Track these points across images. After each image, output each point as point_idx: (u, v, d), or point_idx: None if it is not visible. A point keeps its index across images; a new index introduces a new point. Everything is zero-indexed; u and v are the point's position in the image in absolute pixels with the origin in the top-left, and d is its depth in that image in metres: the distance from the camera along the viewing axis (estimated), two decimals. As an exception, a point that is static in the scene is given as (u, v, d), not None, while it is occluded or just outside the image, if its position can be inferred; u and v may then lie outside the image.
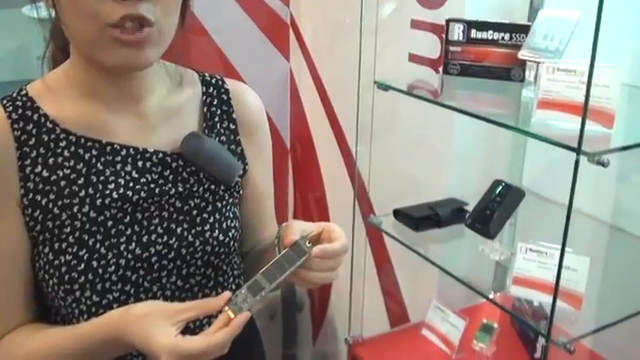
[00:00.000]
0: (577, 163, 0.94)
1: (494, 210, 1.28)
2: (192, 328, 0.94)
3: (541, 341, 1.41)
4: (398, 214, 1.49)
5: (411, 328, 1.60)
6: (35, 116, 0.88)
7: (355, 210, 1.53)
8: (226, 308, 0.81)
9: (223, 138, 0.99)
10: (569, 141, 0.95)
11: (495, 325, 1.38)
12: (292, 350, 2.42)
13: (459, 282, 1.28)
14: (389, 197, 1.59)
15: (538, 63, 1.11)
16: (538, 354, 1.43)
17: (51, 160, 0.87)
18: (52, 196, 0.87)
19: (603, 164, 0.92)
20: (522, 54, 1.19)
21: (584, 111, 0.93)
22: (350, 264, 1.53)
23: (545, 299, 1.11)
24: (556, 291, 1.02)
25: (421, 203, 1.50)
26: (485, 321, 1.39)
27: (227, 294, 0.82)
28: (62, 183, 0.87)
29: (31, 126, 0.88)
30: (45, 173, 0.87)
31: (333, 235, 0.86)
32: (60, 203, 0.87)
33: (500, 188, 1.31)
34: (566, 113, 1.01)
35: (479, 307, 1.63)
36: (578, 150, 0.94)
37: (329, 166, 2.35)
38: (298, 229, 0.86)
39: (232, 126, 1.00)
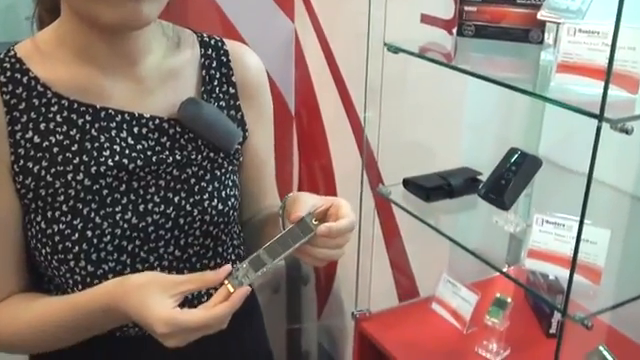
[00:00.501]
0: (599, 130, 0.93)
1: (509, 180, 1.27)
2: (190, 299, 0.95)
3: (557, 316, 1.43)
4: (408, 184, 1.49)
5: (421, 302, 1.61)
6: (25, 79, 0.87)
7: (363, 180, 1.52)
8: (226, 282, 0.81)
9: (222, 103, 0.98)
10: (590, 107, 0.94)
11: (509, 300, 1.38)
12: (296, 325, 2.45)
13: (471, 255, 1.28)
14: (399, 166, 1.59)
15: (558, 24, 1.09)
16: (553, 330, 1.44)
17: (42, 125, 0.87)
18: (44, 163, 0.87)
19: (627, 131, 0.91)
20: (541, 14, 1.17)
21: (607, 75, 0.91)
22: (357, 236, 1.53)
23: (561, 273, 1.11)
24: (574, 264, 1.02)
25: (432, 172, 1.50)
26: (498, 295, 1.39)
27: (227, 267, 0.82)
28: (55, 150, 0.87)
29: (21, 89, 0.87)
30: (37, 139, 0.87)
31: (340, 212, 0.86)
32: (53, 170, 0.87)
33: (516, 156, 1.30)
34: (587, 77, 1.00)
35: (492, 281, 1.64)
36: (600, 116, 0.93)
37: (336, 133, 2.34)
38: (305, 204, 0.86)
39: (232, 90, 1.00)
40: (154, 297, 0.80)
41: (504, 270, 1.52)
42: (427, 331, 1.50)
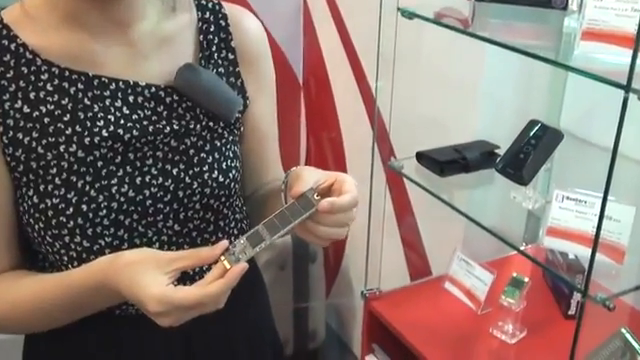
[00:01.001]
0: (625, 102, 0.92)
1: (528, 153, 1.26)
2: (192, 276, 0.95)
3: (576, 297, 1.43)
4: (421, 157, 1.48)
5: (433, 282, 1.61)
6: (12, 46, 0.86)
7: (374, 153, 1.52)
8: (222, 258, 0.81)
9: (221, 70, 0.98)
10: (617, 77, 0.93)
11: (526, 279, 1.38)
12: (303, 303, 2.46)
13: (487, 232, 1.28)
14: (412, 139, 1.58)
15: (584, -13, 1.07)
16: (572, 311, 1.44)
17: (32, 95, 0.86)
18: (35, 134, 0.86)
19: (655, 103, 0.90)
20: (566, -23, 1.15)
21: (636, 43, 0.90)
22: (368, 212, 1.53)
23: (582, 251, 1.10)
24: (596, 243, 1.01)
25: (447, 145, 1.49)
26: (515, 275, 1.39)
27: (224, 243, 0.82)
28: (46, 120, 0.86)
29: (8, 57, 0.86)
30: (26, 109, 0.86)
31: (344, 187, 0.85)
32: (44, 142, 0.86)
33: (536, 129, 1.29)
34: (614, 45, 0.98)
35: (508, 260, 1.63)
36: (627, 87, 0.91)
37: (346, 104, 2.33)
38: (307, 179, 0.85)
39: (231, 56, 0.99)
40: (147, 274, 0.80)
41: (521, 248, 1.52)
42: (439, 311, 1.50)
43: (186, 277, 0.94)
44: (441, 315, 1.49)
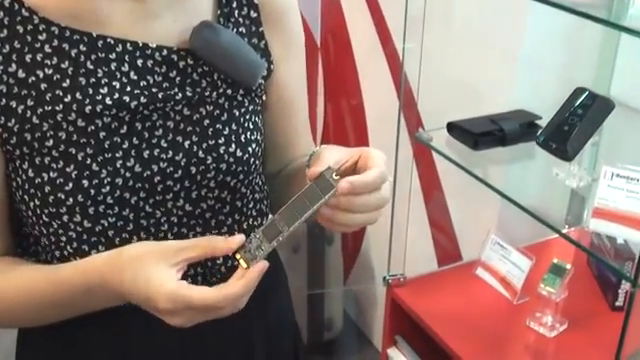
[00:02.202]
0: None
1: (574, 125, 1.25)
2: (204, 276, 0.96)
3: (625, 286, 1.42)
4: (453, 129, 1.47)
5: (463, 267, 1.61)
6: (6, 2, 0.86)
7: (400, 124, 1.51)
8: (238, 256, 0.81)
9: (242, 29, 0.97)
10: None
11: (568, 266, 1.37)
12: (319, 290, 2.47)
13: (525, 213, 1.27)
14: (442, 107, 1.57)
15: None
16: (620, 302, 1.44)
17: (28, 57, 0.86)
18: (30, 102, 0.86)
19: None
20: None
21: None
22: (392, 190, 1.53)
23: (632, 236, 1.10)
24: (648, 226, 1.00)
25: (482, 115, 1.48)
26: (555, 261, 1.39)
27: (241, 237, 0.82)
28: (43, 86, 0.86)
29: (1, 14, 0.86)
30: (21, 73, 0.86)
31: (370, 163, 0.83)
32: (40, 110, 0.86)
33: (583, 98, 1.28)
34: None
35: (548, 244, 1.63)
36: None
37: (369, 68, 2.32)
38: (328, 158, 0.84)
39: (253, 14, 0.98)
40: (153, 268, 0.80)
41: (564, 231, 1.52)
42: (470, 301, 1.50)
43: (196, 267, 0.95)
44: (472, 305, 1.49)
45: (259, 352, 1.06)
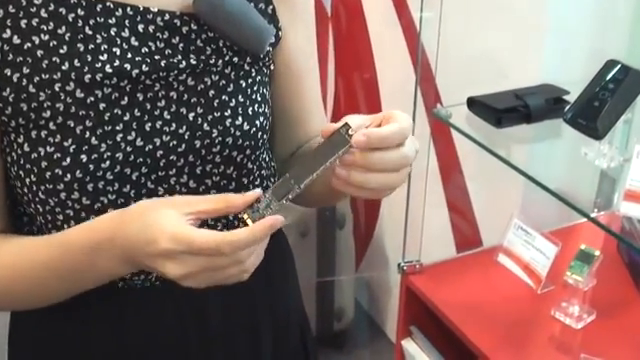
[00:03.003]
0: None
1: (604, 101, 1.25)
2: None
3: (657, 275, 1.42)
4: (474, 104, 1.47)
5: (484, 253, 1.61)
6: None
7: (416, 99, 1.50)
8: (245, 215, 0.81)
9: None
10: None
11: (597, 253, 1.37)
12: (329, 277, 2.48)
13: (551, 195, 1.27)
14: (462, 82, 1.57)
15: None
16: (652, 291, 1.44)
17: (23, 22, 0.86)
18: (26, 70, 0.86)
19: None
20: None
21: None
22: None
23: (667, 220, 1.09)
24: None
25: (505, 90, 1.47)
26: (583, 247, 1.39)
27: (257, 191, 0.81)
28: (39, 53, 0.87)
29: None
30: (16, 40, 0.86)
31: (392, 121, 0.82)
32: (37, 79, 0.86)
33: (614, 71, 1.27)
34: None
35: (576, 229, 1.63)
36: None
37: (383, 39, 2.31)
38: (347, 118, 0.84)
39: None
40: (161, 212, 0.80)
41: (592, 215, 1.51)
42: (491, 289, 1.51)
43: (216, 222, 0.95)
44: (493, 293, 1.49)
45: (266, 342, 1.06)
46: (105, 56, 0.87)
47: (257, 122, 0.96)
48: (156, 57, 0.90)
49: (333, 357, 2.57)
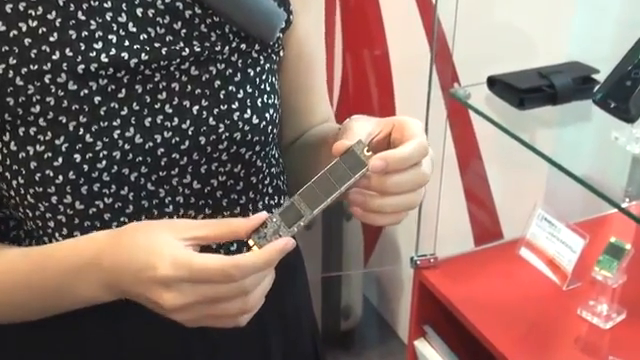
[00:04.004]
0: None
1: (638, 80, 1.24)
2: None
3: (693, 270, 1.41)
4: (495, 84, 1.47)
5: (504, 247, 1.62)
6: None
7: (432, 78, 1.50)
8: (251, 242, 0.80)
9: None
10: None
11: (627, 246, 1.37)
12: (335, 272, 2.49)
13: (578, 183, 1.27)
14: (481, 59, 1.57)
15: None
16: (689, 287, 1.44)
17: (9, 7, 0.86)
18: (12, 60, 0.86)
19: None
20: None
21: None
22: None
23: None
24: None
25: (529, 68, 1.47)
26: (613, 240, 1.39)
27: (262, 215, 0.81)
28: (27, 41, 0.86)
29: None
30: (1, 26, 0.86)
31: (407, 134, 0.82)
32: (25, 70, 0.86)
33: (649, 48, 1.27)
34: None
35: (605, 220, 1.64)
36: None
37: (395, 12, 2.31)
38: (358, 131, 0.83)
39: None
40: (157, 236, 0.80)
41: (623, 206, 1.51)
42: (512, 285, 1.51)
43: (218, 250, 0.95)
44: (514, 290, 1.50)
45: (276, 349, 1.07)
46: (100, 44, 0.87)
47: (267, 115, 0.96)
48: (156, 44, 0.89)
49: (340, 358, 2.58)
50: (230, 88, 0.94)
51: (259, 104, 0.95)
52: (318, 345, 1.18)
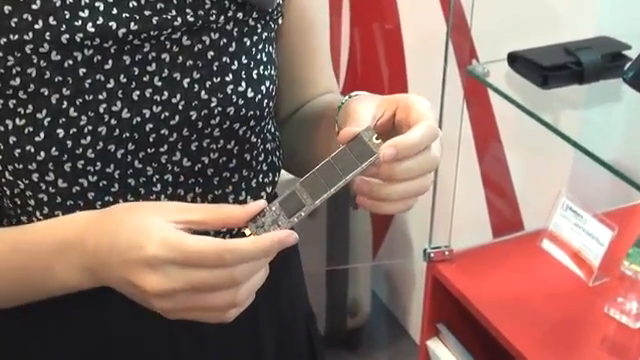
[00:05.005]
0: None
1: (673, 57, 1.24)
2: None
3: None
4: (516, 60, 1.47)
5: (525, 239, 1.62)
6: None
7: (447, 54, 1.50)
8: (248, 231, 0.80)
9: None
10: None
11: (659, 238, 1.37)
12: (341, 265, 2.49)
13: (607, 170, 1.27)
14: (502, 34, 1.56)
15: None
16: None
17: None
18: None
19: None
20: None
21: None
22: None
23: None
24: None
25: (553, 44, 1.47)
26: (644, 232, 1.39)
27: (260, 203, 0.81)
28: (6, 9, 0.86)
29: None
30: None
31: (413, 115, 0.82)
32: (4, 40, 0.86)
33: (685, 22, 1.26)
34: None
35: (635, 210, 1.64)
36: None
37: (408, -17, 2.30)
38: (364, 115, 0.84)
39: None
40: (146, 217, 0.80)
41: (655, 194, 1.51)
42: (533, 280, 1.51)
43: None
44: (536, 286, 1.49)
45: (268, 342, 1.07)
46: (86, 12, 0.87)
47: (263, 87, 0.96)
48: (146, 13, 0.89)
49: (346, 359, 2.59)
50: (224, 59, 0.94)
51: (254, 76, 0.96)
52: (315, 339, 1.18)
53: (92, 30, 0.86)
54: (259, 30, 0.97)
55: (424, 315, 1.62)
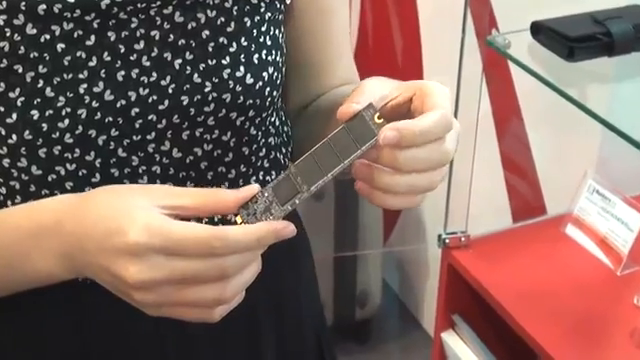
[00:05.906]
0: None
1: None
2: None
3: None
4: (540, 31, 1.46)
5: (548, 224, 1.62)
6: None
7: (466, 23, 1.50)
8: (239, 219, 0.79)
9: None
10: None
11: (694, 224, 1.37)
12: (350, 251, 2.49)
13: (637, 149, 1.25)
14: (524, 1, 1.56)
15: None
16: None
17: None
18: None
19: None
20: None
21: None
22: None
23: None
24: None
25: (580, 13, 1.46)
26: (677, 217, 1.39)
27: (254, 187, 0.80)
28: None
29: None
30: None
31: (429, 102, 0.80)
32: None
33: None
34: None
35: (668, 193, 1.63)
36: None
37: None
38: (371, 91, 0.82)
39: None
40: (131, 200, 0.79)
41: (689, 177, 1.50)
42: (557, 269, 1.51)
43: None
44: (559, 275, 1.50)
45: (268, 353, 1.07)
46: None
47: (265, 74, 0.95)
48: None
49: (354, 352, 2.60)
50: (221, 40, 0.92)
51: (255, 60, 0.94)
52: (324, 342, 1.17)
53: (72, 0, 0.85)
54: (262, 10, 0.95)
55: (438, 306, 1.63)
